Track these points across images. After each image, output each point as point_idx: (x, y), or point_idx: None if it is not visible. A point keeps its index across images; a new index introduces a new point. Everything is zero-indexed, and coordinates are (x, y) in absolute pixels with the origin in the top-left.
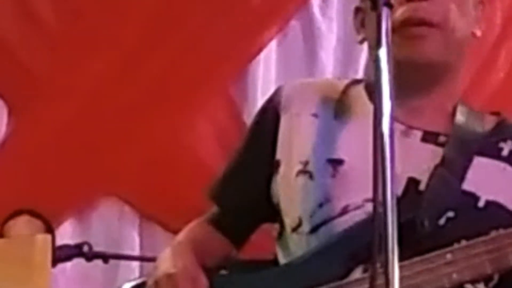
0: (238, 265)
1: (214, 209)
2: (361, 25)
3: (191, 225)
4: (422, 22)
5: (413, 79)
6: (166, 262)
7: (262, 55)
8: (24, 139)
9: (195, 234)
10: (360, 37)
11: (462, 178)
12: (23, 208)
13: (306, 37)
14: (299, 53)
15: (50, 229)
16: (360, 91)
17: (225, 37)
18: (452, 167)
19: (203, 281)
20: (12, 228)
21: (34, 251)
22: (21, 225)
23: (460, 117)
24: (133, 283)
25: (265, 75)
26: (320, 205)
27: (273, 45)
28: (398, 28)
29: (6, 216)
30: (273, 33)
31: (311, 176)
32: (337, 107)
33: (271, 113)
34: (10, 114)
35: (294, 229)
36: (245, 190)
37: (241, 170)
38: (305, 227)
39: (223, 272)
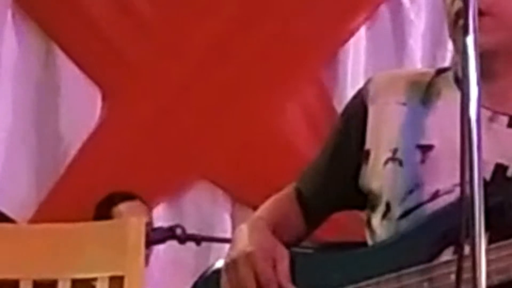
0: (326, 245)
1: (302, 188)
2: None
3: (278, 196)
4: None
5: (487, 66)
6: (243, 240)
7: (351, 42)
8: (118, 124)
9: (277, 210)
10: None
11: None
12: (124, 191)
13: (395, 24)
14: (388, 40)
15: (151, 213)
16: (448, 78)
17: (316, 24)
18: None
19: (284, 256)
20: (123, 211)
21: (128, 234)
22: (131, 208)
23: None
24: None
25: (355, 61)
26: (410, 191)
27: (362, 31)
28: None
29: (102, 198)
30: (362, 20)
31: (400, 163)
32: (425, 94)
33: (359, 104)
34: (104, 100)
35: (384, 215)
36: (334, 179)
37: (330, 159)
38: (395, 213)
39: (308, 251)
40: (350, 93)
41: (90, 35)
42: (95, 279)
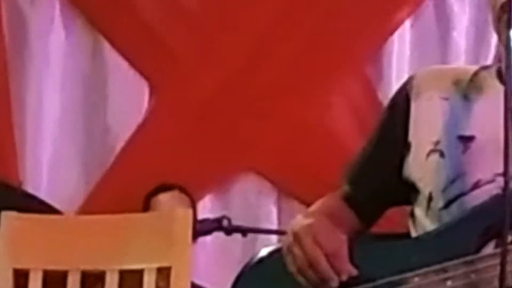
0: (370, 236)
1: (347, 187)
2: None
3: (324, 198)
4: None
5: None
6: (299, 220)
7: (396, 35)
8: (165, 116)
9: (327, 206)
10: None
11: None
12: (171, 183)
13: (439, 17)
14: (432, 33)
15: (194, 204)
16: (491, 74)
17: (361, 18)
18: None
19: (343, 237)
20: (161, 202)
21: (175, 225)
22: (169, 199)
23: None
24: (270, 248)
25: (400, 55)
26: (452, 181)
27: (407, 25)
28: (499, 14)
29: (150, 190)
30: (407, 13)
31: (442, 154)
32: (467, 89)
33: (403, 99)
34: (151, 92)
35: (427, 206)
36: (379, 173)
37: (375, 153)
38: (438, 204)
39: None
40: (395, 86)
41: (138, 28)
42: (142, 270)
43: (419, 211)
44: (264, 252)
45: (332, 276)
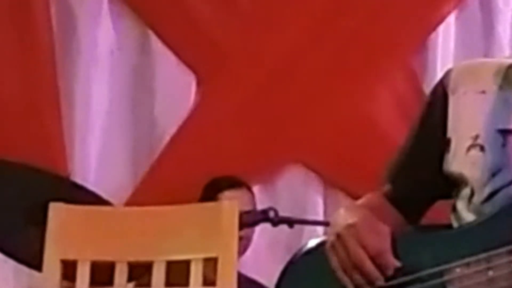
0: (413, 227)
1: (389, 186)
2: None
3: (367, 195)
4: None
5: None
6: (342, 217)
7: (441, 28)
8: (212, 109)
9: (370, 202)
10: None
11: None
12: (240, 180)
13: (484, 10)
14: (476, 26)
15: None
16: None
17: (406, 11)
18: None
19: (386, 230)
20: (227, 197)
21: (221, 217)
22: (235, 196)
23: None
24: (317, 240)
25: (444, 47)
26: (493, 175)
27: (451, 18)
28: None
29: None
30: (452, 6)
31: (482, 148)
32: (504, 81)
33: (441, 94)
34: (198, 85)
35: (468, 201)
36: (420, 170)
37: (415, 151)
38: (479, 198)
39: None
40: (439, 78)
41: (185, 22)
42: (189, 260)
43: (460, 205)
44: (311, 243)
45: (378, 276)
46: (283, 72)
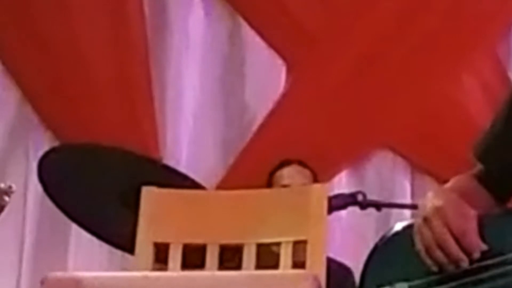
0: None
1: (478, 166)
2: None
3: (457, 177)
4: None
5: None
6: (430, 200)
7: None
8: (301, 95)
9: (460, 185)
10: None
11: None
12: (291, 158)
13: None
14: None
15: (316, 179)
16: None
17: (492, 0)
18: None
19: (472, 213)
20: (283, 177)
21: (310, 200)
22: (291, 174)
23: None
24: (405, 223)
25: None
26: None
27: None
28: None
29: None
30: None
31: None
32: None
33: None
34: (288, 71)
35: None
36: (509, 149)
37: (505, 131)
38: None
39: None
40: None
41: (275, 9)
42: (279, 243)
43: None
44: (398, 226)
45: (462, 257)
46: (371, 58)
